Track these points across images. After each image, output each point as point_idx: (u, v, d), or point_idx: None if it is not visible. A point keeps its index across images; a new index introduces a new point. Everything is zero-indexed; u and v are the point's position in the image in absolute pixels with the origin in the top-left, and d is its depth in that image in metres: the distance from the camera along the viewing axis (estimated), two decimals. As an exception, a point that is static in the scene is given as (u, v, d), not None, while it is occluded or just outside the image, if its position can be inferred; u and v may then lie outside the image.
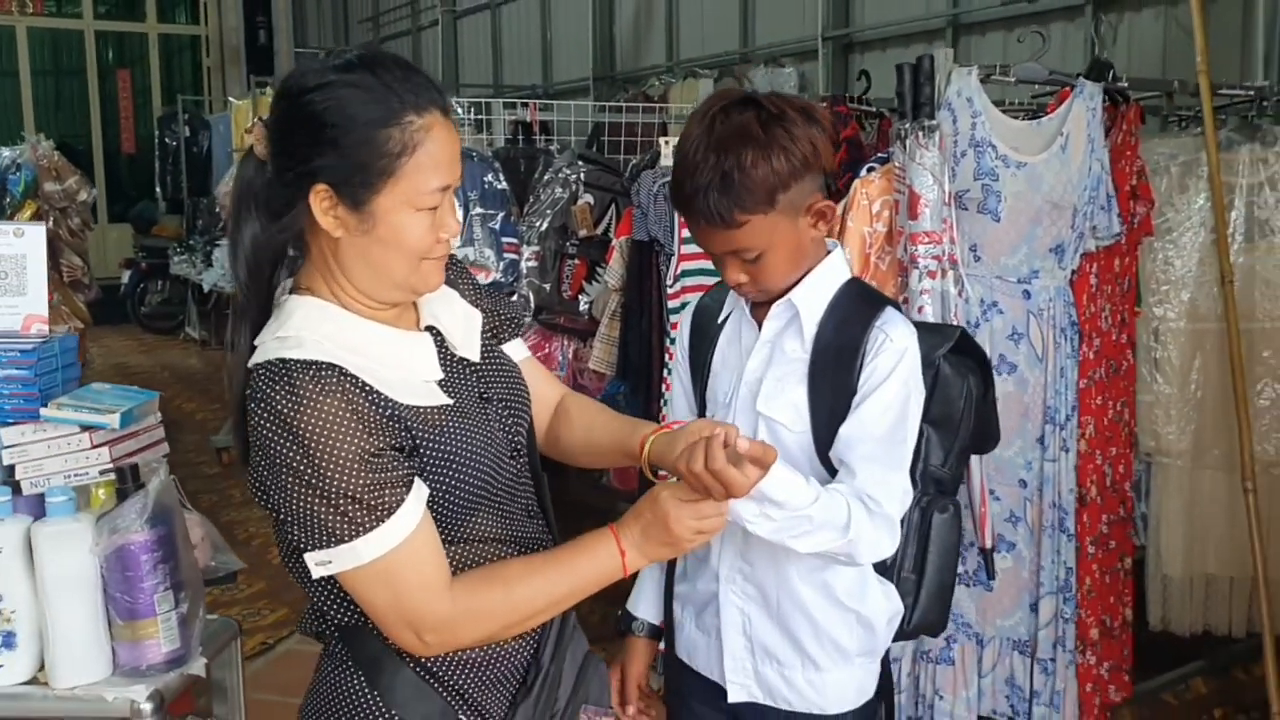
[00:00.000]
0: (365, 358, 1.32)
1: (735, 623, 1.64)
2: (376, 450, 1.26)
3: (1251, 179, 3.08)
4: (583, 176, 3.69)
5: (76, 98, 13.25)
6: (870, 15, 6.96)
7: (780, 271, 1.54)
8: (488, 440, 1.40)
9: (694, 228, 1.55)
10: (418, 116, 1.28)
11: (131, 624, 1.78)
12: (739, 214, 1.47)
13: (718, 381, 1.66)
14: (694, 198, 1.48)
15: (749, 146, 1.45)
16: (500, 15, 10.74)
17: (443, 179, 1.31)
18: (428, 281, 1.38)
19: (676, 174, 1.54)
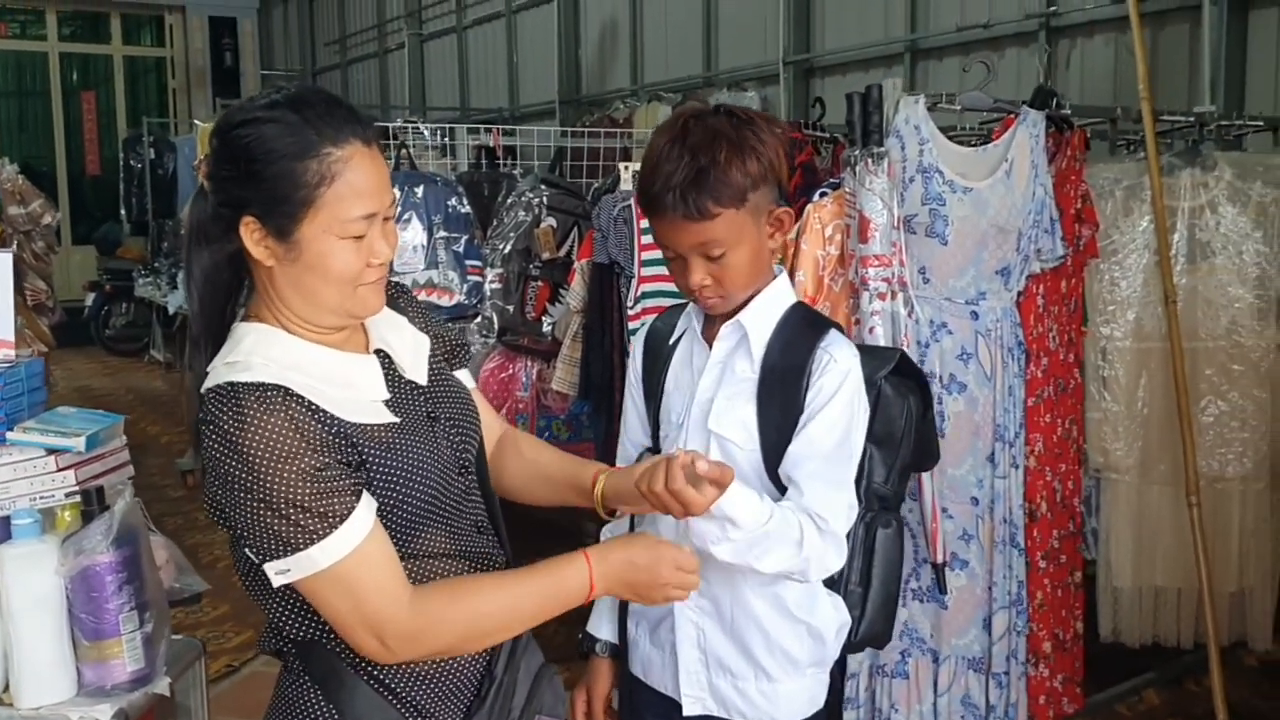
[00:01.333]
0: (311, 378, 1.37)
1: (690, 637, 1.69)
2: (322, 465, 1.31)
3: (1193, 202, 3.19)
4: (545, 200, 3.74)
5: (40, 119, 13.17)
6: (830, 40, 7.08)
7: (742, 274, 1.59)
8: (434, 457, 1.45)
9: (663, 225, 1.58)
10: (336, 149, 1.34)
11: (97, 644, 1.81)
12: (712, 205, 1.53)
13: (670, 402, 1.72)
14: (666, 192, 1.53)
15: (723, 146, 1.53)
16: (466, 39, 10.81)
17: (366, 207, 1.36)
18: (365, 306, 1.43)
19: (647, 173, 1.58)
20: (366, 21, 12.69)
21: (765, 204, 1.59)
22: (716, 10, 7.85)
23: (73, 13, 13.45)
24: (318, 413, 1.34)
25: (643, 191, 1.61)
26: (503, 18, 10.07)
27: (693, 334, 1.71)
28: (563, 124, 8.04)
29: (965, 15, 6.14)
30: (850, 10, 6.91)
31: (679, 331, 1.74)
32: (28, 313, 5.48)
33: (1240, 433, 3.20)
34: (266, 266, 1.38)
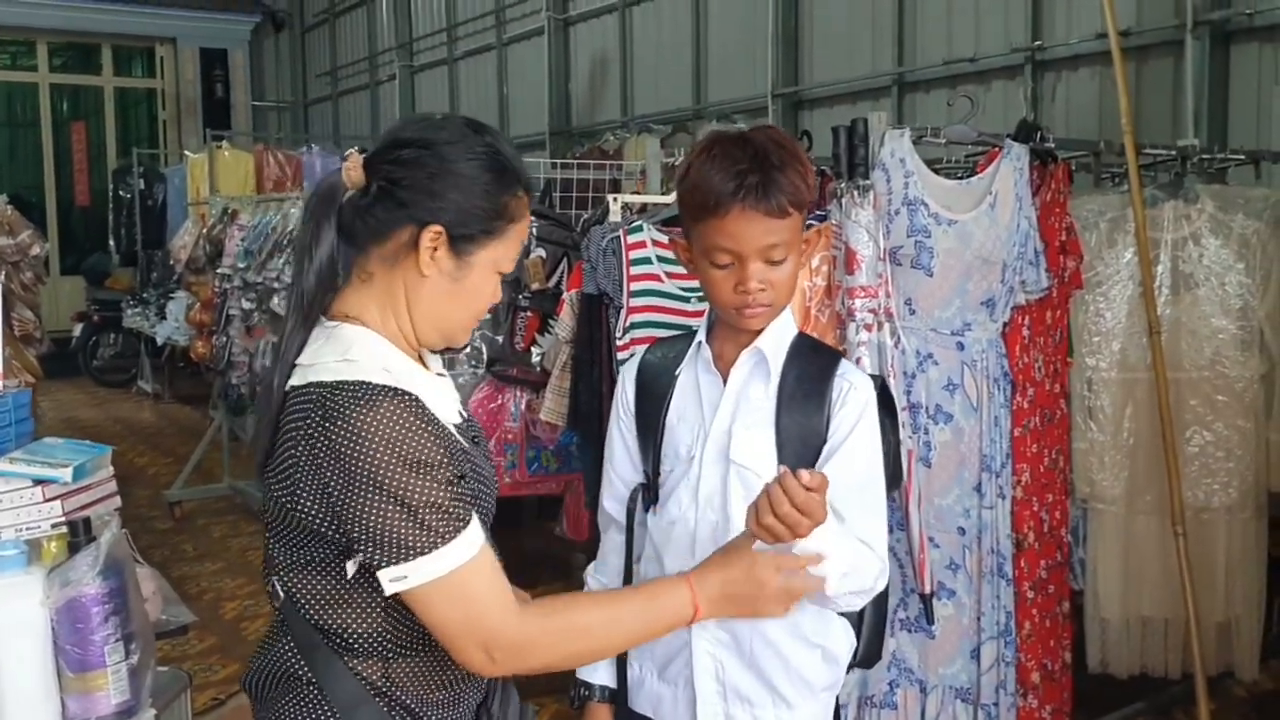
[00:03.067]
0: (423, 392, 1.40)
1: (708, 669, 1.69)
2: (453, 474, 1.36)
3: (1176, 234, 3.22)
4: (535, 231, 3.76)
5: (31, 150, 13.20)
6: (818, 74, 7.15)
7: (789, 286, 1.63)
8: (490, 478, 1.54)
9: (730, 223, 1.56)
10: (524, 193, 1.47)
11: (82, 676, 1.80)
12: (788, 203, 1.56)
13: (675, 436, 1.71)
14: (740, 188, 1.53)
15: (788, 153, 1.57)
16: (457, 71, 10.88)
17: (520, 250, 1.51)
18: (462, 337, 1.53)
19: (705, 175, 1.57)
20: (358, 53, 12.76)
21: (802, 222, 1.64)
22: (706, 43, 7.92)
23: (64, 44, 13.51)
24: (439, 425, 1.39)
25: (703, 190, 1.58)
26: (493, 50, 10.15)
27: (702, 364, 1.71)
28: (553, 155, 8.09)
29: (952, 49, 6.22)
30: (838, 43, 6.99)
31: (680, 363, 1.74)
32: (15, 344, 5.46)
33: (1225, 463, 3.22)
34: (421, 275, 1.42)
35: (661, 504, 1.71)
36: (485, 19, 10.25)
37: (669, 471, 1.70)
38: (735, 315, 1.63)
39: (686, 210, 1.65)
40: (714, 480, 1.67)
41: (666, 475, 1.71)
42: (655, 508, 1.73)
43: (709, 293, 1.66)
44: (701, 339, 1.72)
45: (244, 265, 5.69)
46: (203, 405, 8.60)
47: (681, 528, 1.68)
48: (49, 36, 13.08)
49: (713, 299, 1.66)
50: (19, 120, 13.44)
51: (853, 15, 6.84)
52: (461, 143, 1.42)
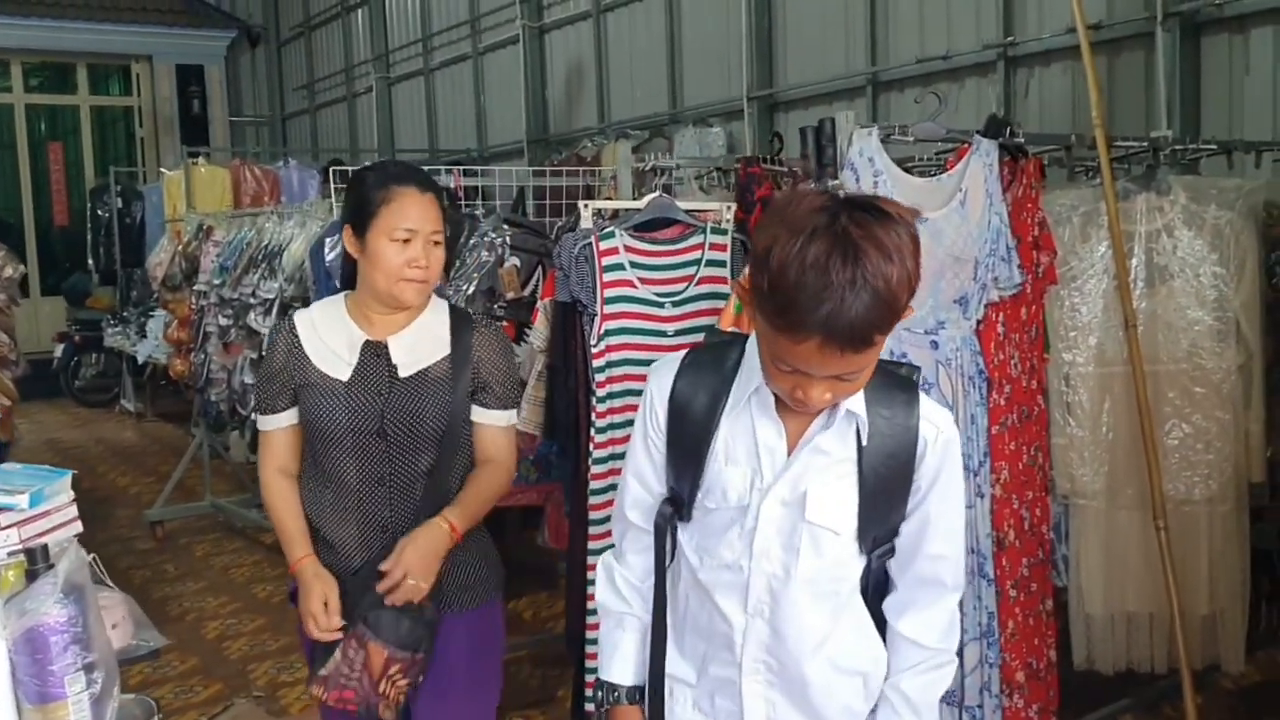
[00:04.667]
0: (315, 329, 2.26)
1: (759, 711, 1.64)
2: (271, 374, 2.28)
3: (1149, 226, 3.21)
4: (508, 239, 3.73)
5: (8, 171, 13.12)
6: (793, 75, 7.15)
7: (863, 383, 1.47)
8: (355, 416, 2.19)
9: (807, 350, 1.36)
10: (396, 184, 2.18)
11: (42, 708, 1.76)
12: (877, 335, 1.38)
13: (724, 477, 1.58)
14: (835, 324, 1.32)
15: (894, 266, 1.34)
16: (434, 81, 10.85)
17: (409, 224, 2.16)
18: (402, 298, 2.19)
19: (800, 290, 1.33)
20: (334, 66, 12.73)
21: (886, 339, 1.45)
22: (681, 47, 7.92)
23: (39, 64, 13.43)
24: (296, 344, 2.25)
25: (783, 295, 1.34)
26: (469, 60, 10.13)
27: (759, 407, 1.56)
28: (531, 163, 8.08)
29: (925, 47, 6.23)
30: (812, 45, 6.98)
31: (735, 399, 1.57)
32: (-10, 366, 5.42)
33: (1205, 455, 3.21)
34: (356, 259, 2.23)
35: (704, 536, 1.62)
36: (460, 28, 10.22)
37: (712, 509, 1.61)
38: (788, 398, 1.48)
39: (759, 289, 1.40)
40: (774, 534, 1.57)
41: (711, 514, 1.61)
42: (687, 526, 1.65)
43: (763, 367, 1.49)
44: (760, 382, 1.53)
45: (219, 281, 5.65)
46: (185, 423, 8.54)
47: (733, 575, 1.60)
48: (23, 56, 12.99)
49: (766, 374, 1.49)
50: (-5, 141, 13.39)
51: (826, 16, 6.84)
52: (362, 170, 2.21)
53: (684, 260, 3.12)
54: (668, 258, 3.12)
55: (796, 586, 1.57)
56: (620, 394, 3.09)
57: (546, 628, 4.68)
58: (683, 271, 3.11)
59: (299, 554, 2.23)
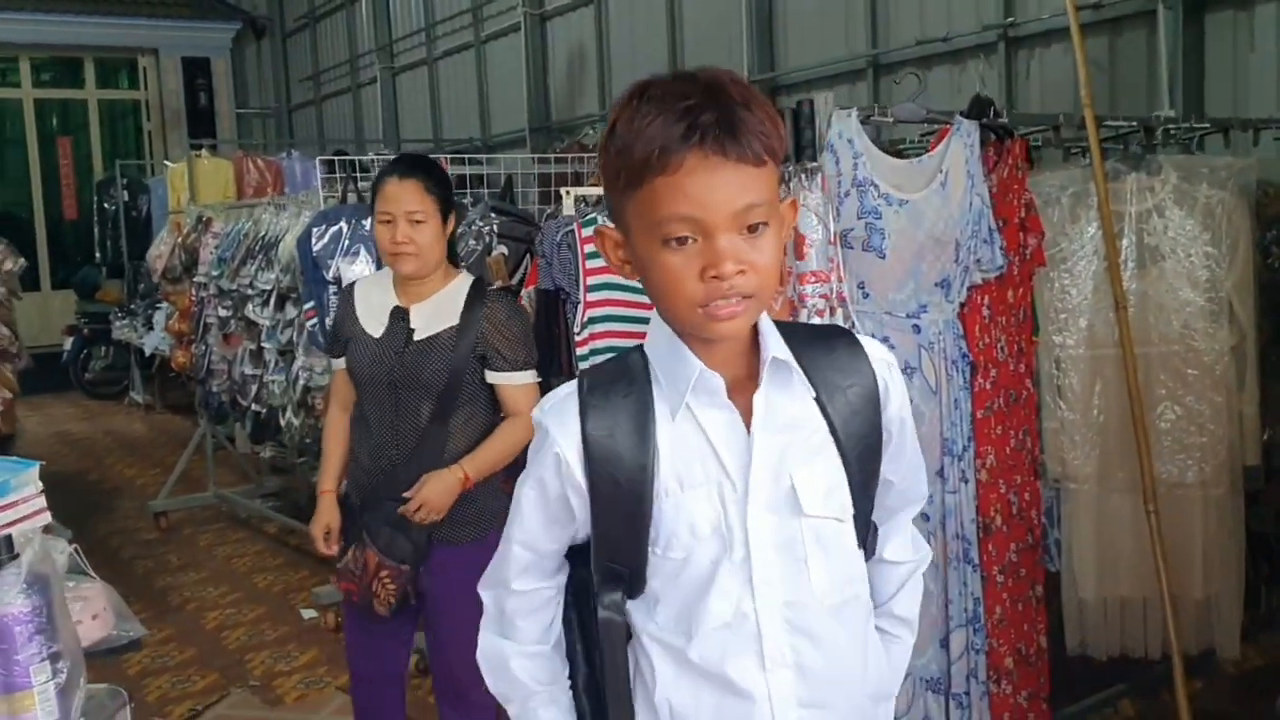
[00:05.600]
0: (366, 293, 2.73)
1: None
2: (335, 324, 2.80)
3: (1140, 206, 3.16)
4: (496, 228, 3.72)
5: (18, 166, 13.17)
6: (794, 58, 7.10)
7: (773, 268, 1.22)
8: (375, 366, 2.62)
9: (687, 179, 1.16)
10: (383, 177, 2.64)
11: (7, 698, 1.76)
12: (760, 148, 1.17)
13: (686, 511, 1.27)
14: (696, 129, 1.15)
15: (749, 90, 1.21)
16: (437, 70, 10.83)
17: (387, 208, 2.58)
18: (398, 269, 2.63)
19: (644, 124, 1.17)
20: (339, 57, 12.72)
21: (779, 179, 1.27)
22: (681, 32, 7.88)
23: (47, 59, 13.48)
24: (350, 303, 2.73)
25: (640, 143, 1.17)
26: (472, 48, 10.11)
27: (704, 401, 1.27)
28: (533, 151, 8.05)
29: (925, 29, 6.17)
30: (813, 27, 6.94)
31: (647, 412, 1.28)
32: (-10, 359, 5.44)
33: (1198, 438, 3.17)
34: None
35: (680, 602, 1.29)
36: (462, 17, 10.20)
37: (681, 559, 1.27)
38: (703, 319, 1.20)
39: (616, 181, 1.23)
40: (773, 552, 1.27)
41: (674, 564, 1.28)
42: (647, 602, 1.31)
43: (661, 294, 1.23)
44: (701, 367, 1.25)
45: (218, 273, 5.65)
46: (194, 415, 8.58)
47: (741, 630, 1.27)
48: (31, 52, 13.04)
49: (668, 301, 1.22)
50: (5, 137, 13.42)
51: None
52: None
53: (668, 246, 3.09)
54: (651, 243, 3.10)
55: (817, 608, 1.29)
56: (604, 381, 3.07)
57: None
58: (666, 257, 3.09)
59: (324, 486, 2.79)
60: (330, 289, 3.56)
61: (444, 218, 2.63)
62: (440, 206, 2.61)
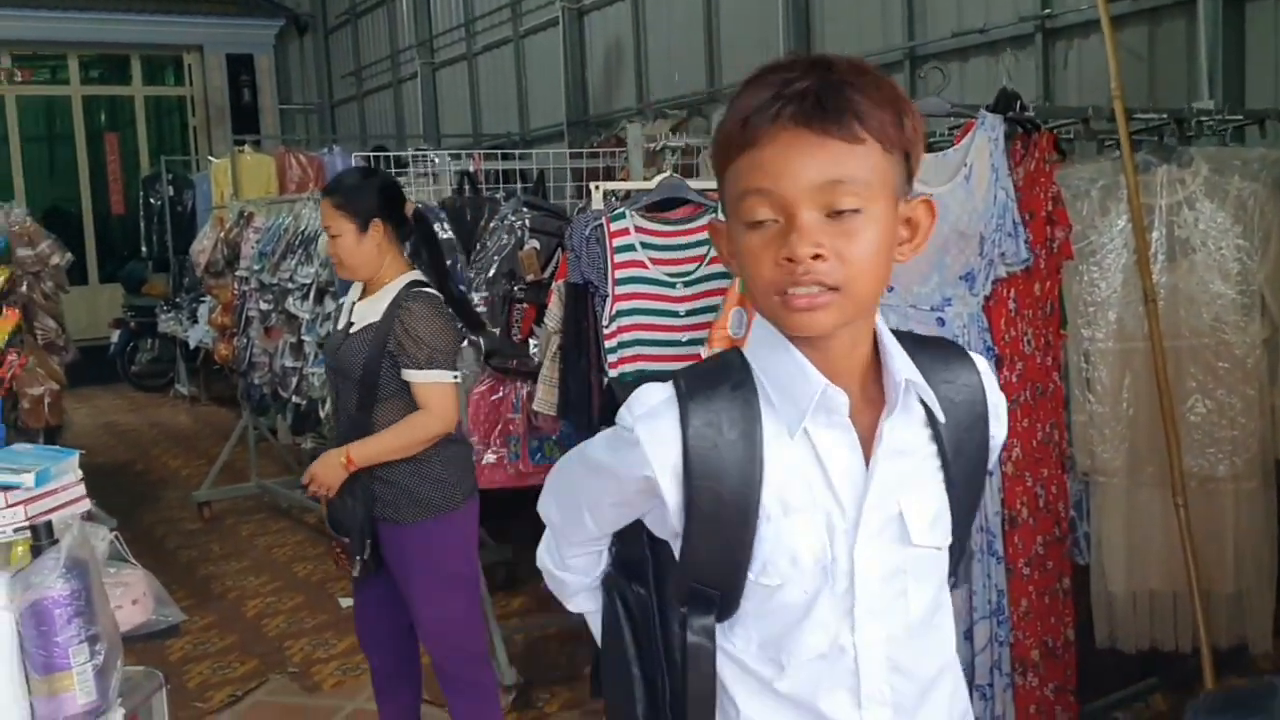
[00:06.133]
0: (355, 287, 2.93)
1: None
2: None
3: (1170, 199, 3.14)
4: (528, 222, 3.76)
5: (67, 162, 13.42)
6: (831, 50, 7.05)
7: (872, 257, 1.10)
8: (327, 356, 2.94)
9: (769, 152, 1.08)
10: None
11: (48, 678, 1.83)
12: (857, 123, 1.08)
13: (790, 538, 1.16)
14: (781, 99, 1.07)
15: (866, 70, 1.13)
16: (477, 65, 10.90)
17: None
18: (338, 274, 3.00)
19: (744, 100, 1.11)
20: (380, 53, 12.83)
21: (902, 183, 1.14)
22: (718, 25, 7.88)
23: (95, 57, 13.71)
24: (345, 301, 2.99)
25: (731, 119, 1.11)
26: (511, 43, 10.16)
27: (823, 420, 1.15)
28: (571, 145, 8.09)
29: (961, 20, 6.13)
30: (849, 20, 6.92)
31: (771, 418, 1.16)
32: (39, 352, 5.56)
33: (1229, 431, 3.15)
34: None
35: (772, 630, 1.19)
36: (501, 12, 10.25)
37: (777, 586, 1.17)
38: (779, 307, 1.10)
39: (716, 166, 1.16)
40: (878, 585, 1.18)
41: (768, 591, 1.17)
42: (735, 627, 1.21)
43: (747, 282, 1.15)
44: (825, 383, 1.13)
45: (259, 267, 5.75)
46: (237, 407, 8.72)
47: (837, 664, 1.18)
48: (80, 50, 13.28)
49: (751, 290, 1.14)
50: (56, 134, 13.68)
51: (863, -10, 6.78)
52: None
53: (695, 240, 3.12)
54: (679, 238, 3.13)
55: (913, 642, 1.21)
56: (632, 374, 3.10)
57: (577, 606, 4.72)
58: (694, 251, 3.12)
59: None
60: (364, 283, 3.62)
61: (363, 226, 2.81)
62: (354, 218, 2.80)
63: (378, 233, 2.82)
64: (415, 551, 2.80)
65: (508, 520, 5.30)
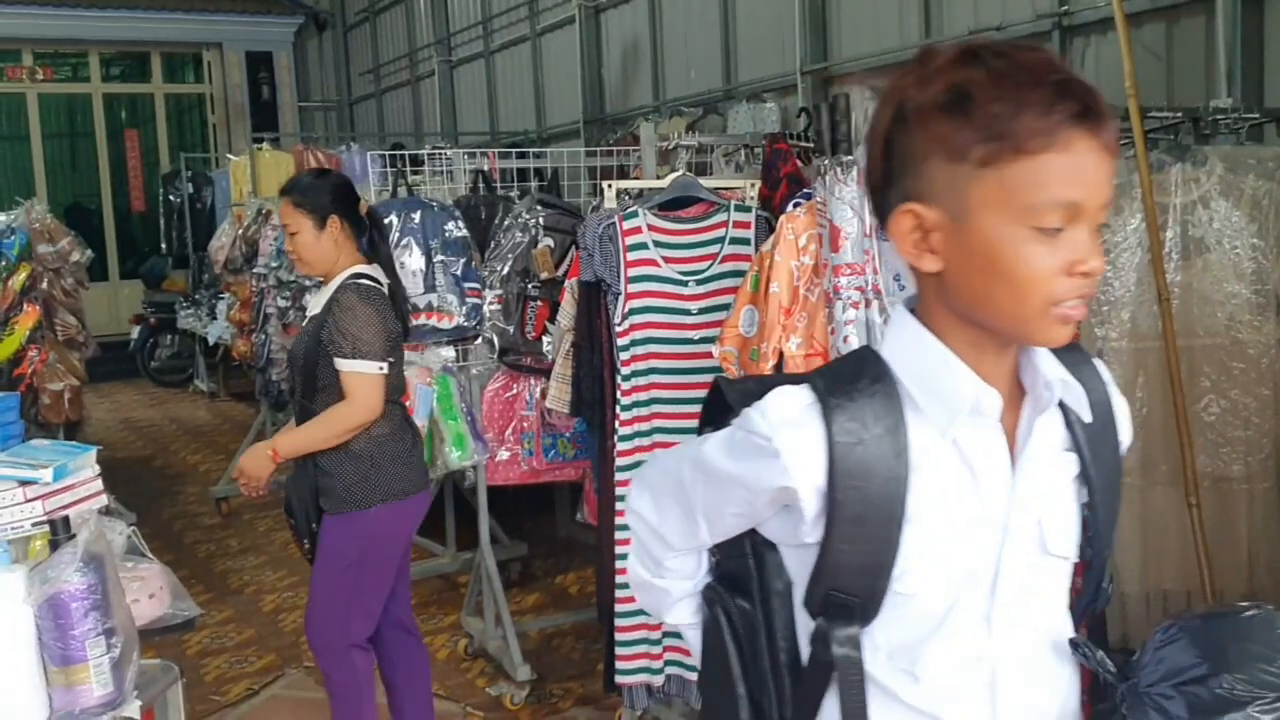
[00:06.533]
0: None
1: None
2: None
3: (1185, 198, 3.13)
4: (542, 220, 3.78)
5: (88, 159, 13.53)
6: (847, 48, 7.07)
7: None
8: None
9: (1078, 158, 1.02)
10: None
11: (65, 669, 1.86)
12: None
13: (929, 542, 1.11)
14: (1094, 101, 1.03)
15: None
16: (494, 63, 10.93)
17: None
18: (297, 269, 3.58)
19: (1039, 75, 1.02)
20: (398, 50, 12.88)
21: None
22: (734, 24, 7.88)
23: (116, 54, 13.81)
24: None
25: (1030, 113, 1.01)
26: (528, 41, 10.18)
27: (972, 420, 1.10)
28: (587, 144, 8.11)
29: (978, 18, 6.12)
30: (865, 17, 6.91)
31: (916, 421, 1.10)
32: (59, 347, 5.63)
33: (1243, 432, 3.13)
34: None
35: (904, 637, 1.13)
36: (519, 10, 10.28)
37: (912, 595, 1.12)
38: (1053, 320, 1.05)
39: (964, 153, 1.04)
40: (1018, 593, 1.14)
41: (903, 599, 1.12)
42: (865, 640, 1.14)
43: (1006, 288, 1.05)
44: (979, 386, 1.09)
45: (277, 264, 5.79)
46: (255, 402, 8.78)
47: (975, 675, 1.14)
48: (101, 48, 13.39)
49: (1015, 297, 1.05)
50: (78, 130, 13.79)
51: (879, -12, 6.77)
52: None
53: (707, 239, 3.13)
54: (691, 236, 3.14)
55: (1047, 654, 1.18)
56: (644, 372, 3.12)
57: (591, 603, 4.74)
58: (706, 250, 3.13)
59: None
60: (380, 280, 3.65)
61: (320, 222, 2.92)
62: (311, 215, 2.91)
63: (335, 229, 2.92)
64: (335, 538, 2.91)
65: (521, 517, 5.35)
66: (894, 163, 1.09)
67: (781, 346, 2.65)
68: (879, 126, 1.10)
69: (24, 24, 12.23)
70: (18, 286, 5.65)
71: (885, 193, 1.12)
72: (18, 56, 12.98)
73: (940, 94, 1.04)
